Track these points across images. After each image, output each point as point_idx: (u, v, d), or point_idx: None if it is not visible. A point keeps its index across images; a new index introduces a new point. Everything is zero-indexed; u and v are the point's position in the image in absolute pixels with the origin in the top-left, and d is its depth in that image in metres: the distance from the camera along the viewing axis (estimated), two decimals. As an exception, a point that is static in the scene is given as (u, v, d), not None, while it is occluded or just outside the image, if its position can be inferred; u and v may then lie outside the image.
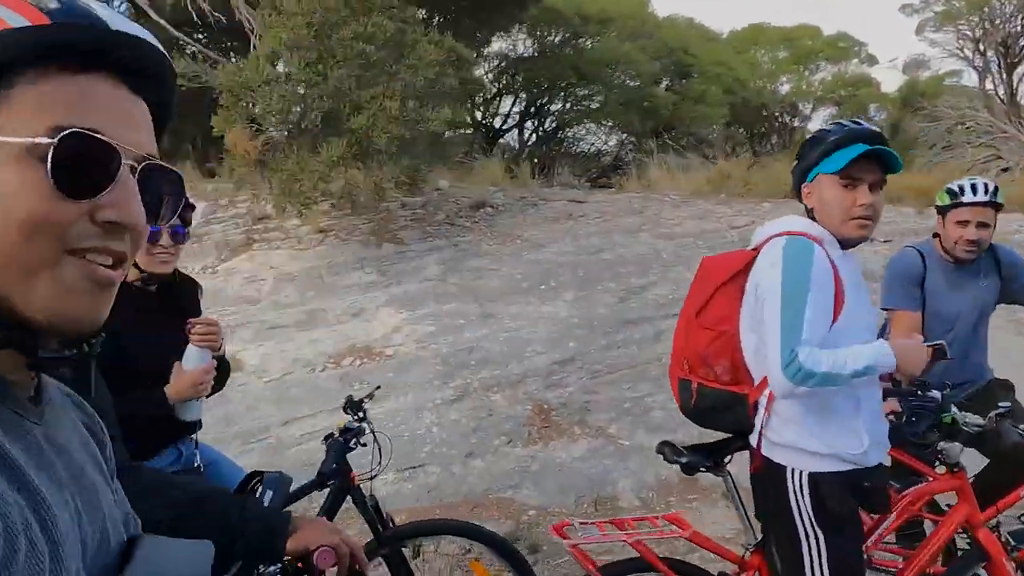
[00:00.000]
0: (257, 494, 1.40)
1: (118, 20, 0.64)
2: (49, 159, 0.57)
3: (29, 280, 0.58)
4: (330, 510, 2.53)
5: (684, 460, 2.14)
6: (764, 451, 1.99)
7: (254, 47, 5.83)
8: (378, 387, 3.09)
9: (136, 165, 0.63)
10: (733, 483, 2.17)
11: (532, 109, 17.01)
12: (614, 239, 7.07)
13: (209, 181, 8.25)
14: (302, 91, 5.50)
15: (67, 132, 0.57)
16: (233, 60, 6.29)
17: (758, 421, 1.99)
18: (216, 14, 6.57)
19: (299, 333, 5.80)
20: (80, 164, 0.58)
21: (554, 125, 17.49)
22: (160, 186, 0.70)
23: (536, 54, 16.04)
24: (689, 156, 12.34)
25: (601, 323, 5.73)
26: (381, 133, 5.54)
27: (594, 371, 5.38)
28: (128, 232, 0.63)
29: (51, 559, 0.59)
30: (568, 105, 16.91)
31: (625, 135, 17.24)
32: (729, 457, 2.16)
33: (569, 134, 17.99)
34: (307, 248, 6.80)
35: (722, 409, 2.06)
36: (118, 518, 0.78)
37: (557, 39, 15.95)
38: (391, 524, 2.63)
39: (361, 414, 2.66)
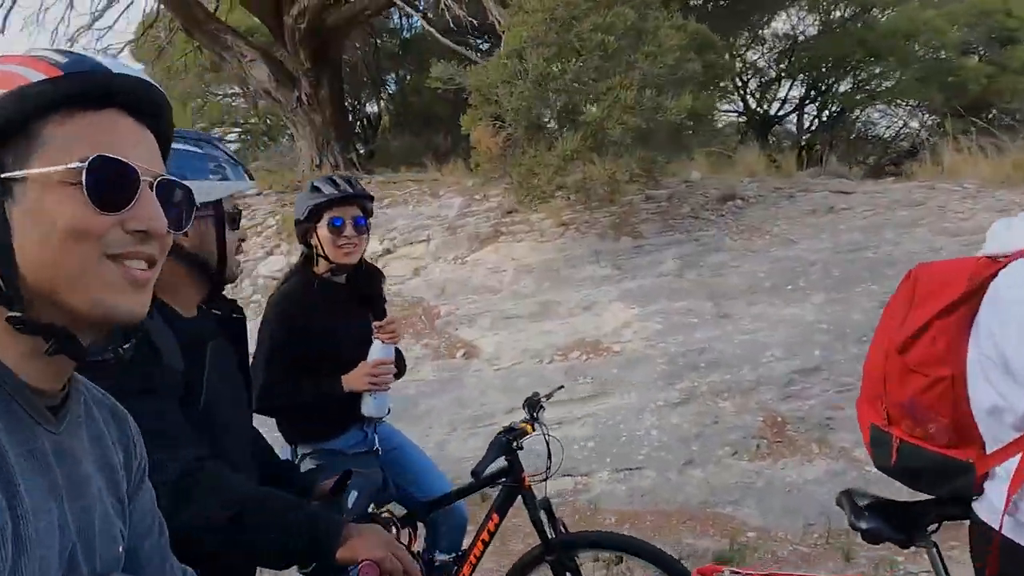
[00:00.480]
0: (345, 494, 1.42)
1: (118, 66, 0.77)
2: (83, 181, 0.69)
3: (77, 280, 0.70)
4: (500, 509, 2.53)
5: (865, 526, 1.63)
6: (1009, 532, 1.40)
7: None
8: (560, 387, 3.02)
9: (152, 181, 0.76)
10: (942, 562, 1.63)
11: (813, 92, 15.61)
12: (883, 235, 6.21)
13: (471, 176, 8.79)
14: (541, 86, 5.59)
15: (94, 158, 0.70)
16: (482, 61, 6.60)
17: (996, 494, 1.42)
18: (469, 18, 6.98)
19: (531, 324, 5.94)
20: (108, 184, 0.71)
21: (839, 108, 15.87)
22: (174, 198, 0.83)
23: (819, 32, 14.67)
24: (1003, 138, 10.41)
25: (855, 330, 5.06)
26: (616, 124, 5.44)
27: (841, 383, 4.77)
28: (154, 238, 0.75)
29: (12, 563, 0.63)
30: (856, 85, 15.21)
31: (927, 115, 15.07)
32: (935, 526, 1.63)
33: (857, 117, 16.20)
34: (547, 241, 6.94)
35: (934, 476, 1.56)
36: (113, 532, 0.81)
37: (844, 13, 14.43)
38: (563, 530, 2.55)
39: (535, 414, 2.61)
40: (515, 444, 2.39)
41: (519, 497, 2.51)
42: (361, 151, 19.80)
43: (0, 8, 11.25)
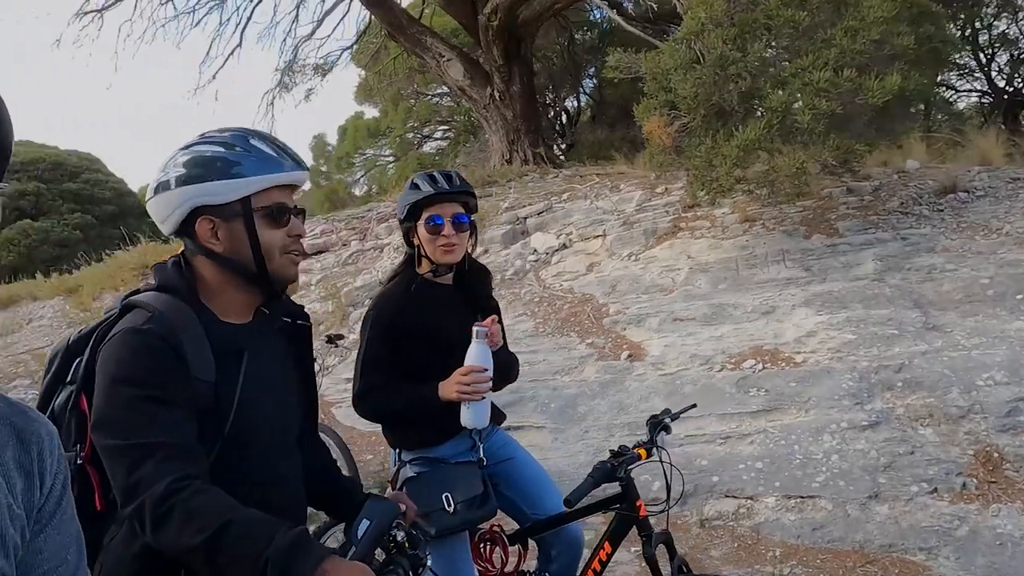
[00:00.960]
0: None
1: None
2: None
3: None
4: (612, 537, 2.29)
5: None
6: None
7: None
8: (693, 406, 2.69)
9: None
10: None
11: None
12: None
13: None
14: (719, 71, 5.15)
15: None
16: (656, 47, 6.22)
17: None
18: (650, 2, 6.61)
19: (703, 327, 5.53)
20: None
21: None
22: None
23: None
24: None
25: (1105, 353, 4.13)
26: (805, 110, 4.86)
27: (1083, 418, 3.91)
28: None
29: None
30: None
31: None
32: None
33: None
34: (729, 237, 6.44)
35: None
36: None
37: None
38: (684, 570, 2.26)
39: (655, 436, 2.33)
40: (622, 472, 2.13)
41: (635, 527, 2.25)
42: (562, 145, 20.02)
43: (238, 25, 12.64)
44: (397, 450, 2.38)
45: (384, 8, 11.96)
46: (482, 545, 2.42)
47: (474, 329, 2.19)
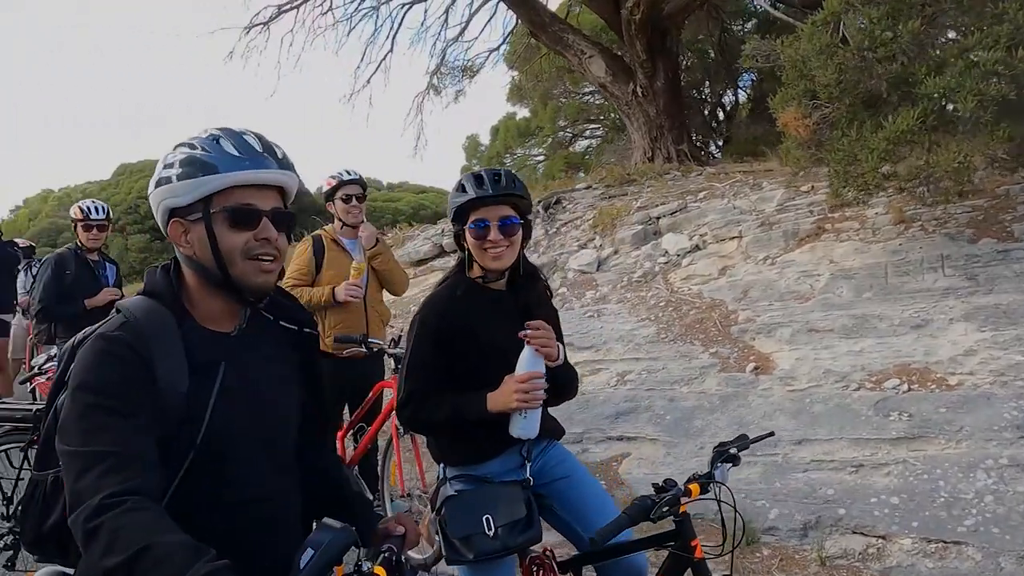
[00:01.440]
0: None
1: None
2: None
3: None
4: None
5: None
6: None
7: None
8: (771, 434, 2.36)
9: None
10: None
11: None
12: None
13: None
14: (865, 54, 4.59)
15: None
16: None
17: None
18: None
19: (841, 340, 4.98)
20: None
21: None
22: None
23: None
24: None
25: None
26: (968, 96, 4.22)
27: None
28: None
29: None
30: None
31: None
32: None
33: None
34: (879, 241, 5.77)
35: None
36: None
37: None
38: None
39: (714, 468, 2.05)
40: (662, 511, 1.85)
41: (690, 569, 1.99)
42: (718, 142, 19.17)
43: (390, 30, 13.15)
44: (441, 465, 2.26)
45: (526, 7, 11.96)
46: (534, 568, 2.25)
47: (523, 334, 2.04)
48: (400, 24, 13.28)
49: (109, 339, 1.29)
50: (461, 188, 2.13)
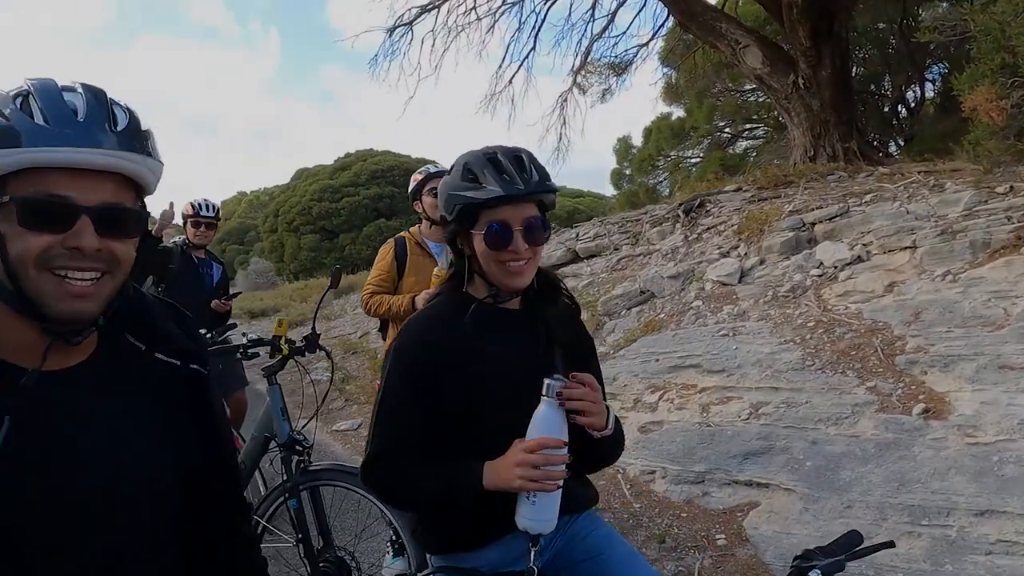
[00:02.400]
0: None
1: None
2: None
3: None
4: None
5: None
6: None
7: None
8: (890, 544, 1.58)
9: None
10: None
11: None
12: None
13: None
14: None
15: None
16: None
17: None
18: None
19: (1045, 382, 3.89)
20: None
21: None
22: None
23: None
24: None
25: None
26: None
27: None
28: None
29: None
30: None
31: None
32: None
33: None
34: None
35: None
36: None
37: None
38: None
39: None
40: None
41: None
42: (899, 140, 17.18)
43: (533, 27, 12.77)
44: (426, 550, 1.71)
45: (675, -3, 11.13)
46: None
47: (545, 383, 1.44)
48: (543, 20, 12.85)
49: None
50: (471, 177, 1.56)
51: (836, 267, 6.22)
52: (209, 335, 4.05)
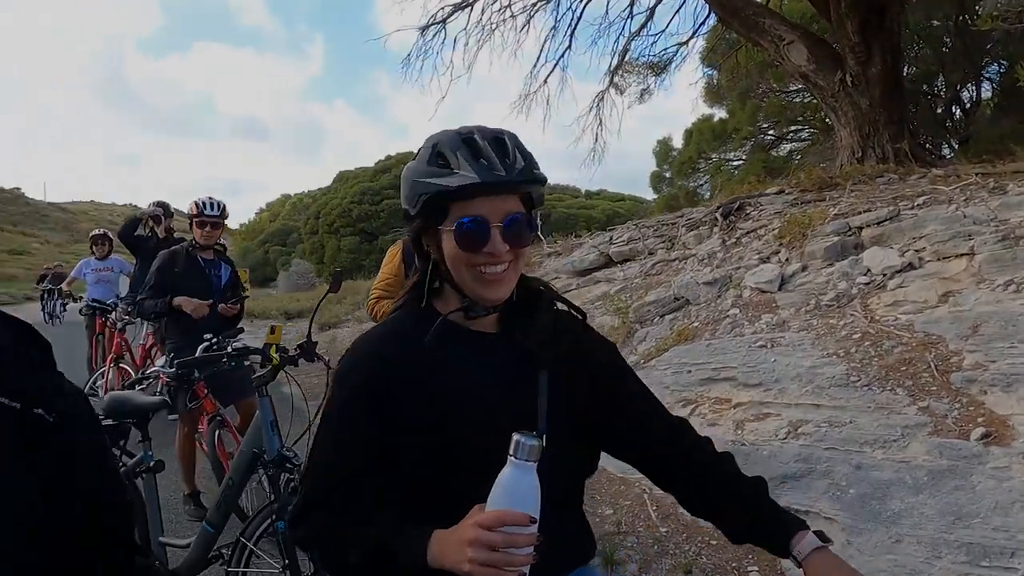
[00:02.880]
0: None
1: None
2: None
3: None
4: None
5: None
6: None
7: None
8: None
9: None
10: None
11: None
12: None
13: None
14: None
15: None
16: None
17: None
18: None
19: (1125, 407, 3.46)
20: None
21: None
22: None
23: None
24: None
25: None
26: None
27: None
28: None
29: None
30: None
31: None
32: None
33: None
34: None
35: None
36: None
37: None
38: None
39: None
40: None
41: None
42: (952, 142, 16.42)
43: (569, 25, 12.47)
44: None
45: (716, -8, 10.72)
46: None
47: (514, 440, 1.13)
48: (580, 18, 12.54)
49: None
50: (440, 162, 1.28)
51: (885, 275, 5.78)
52: (215, 340, 3.86)
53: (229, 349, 3.10)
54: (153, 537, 3.24)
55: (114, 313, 7.15)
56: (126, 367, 6.69)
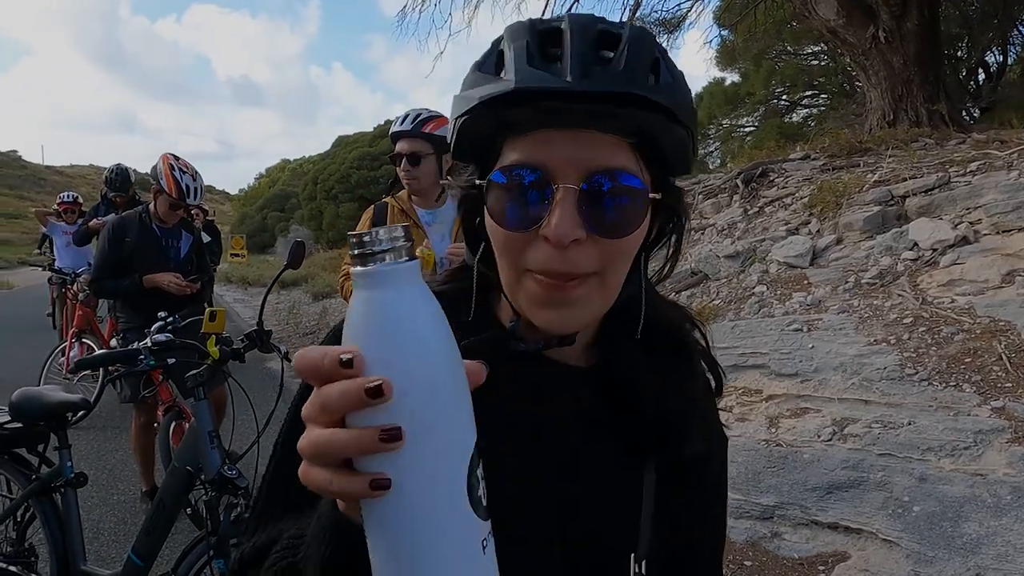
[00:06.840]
0: None
1: None
2: None
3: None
4: None
5: None
6: None
7: None
8: None
9: None
10: None
11: None
12: None
13: None
14: None
15: None
16: None
17: None
18: None
19: None
20: None
21: None
22: None
23: None
24: None
25: None
26: None
27: None
28: None
29: None
30: None
31: None
32: None
33: None
34: None
35: None
36: None
37: None
38: None
39: None
40: None
41: None
42: (972, 108, 15.64)
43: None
44: None
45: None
46: None
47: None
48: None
49: None
50: (497, 61, 0.65)
51: (935, 249, 5.13)
52: (170, 319, 3.23)
53: (148, 342, 2.47)
54: (73, 566, 2.64)
55: (75, 284, 6.54)
56: (90, 342, 6.07)
